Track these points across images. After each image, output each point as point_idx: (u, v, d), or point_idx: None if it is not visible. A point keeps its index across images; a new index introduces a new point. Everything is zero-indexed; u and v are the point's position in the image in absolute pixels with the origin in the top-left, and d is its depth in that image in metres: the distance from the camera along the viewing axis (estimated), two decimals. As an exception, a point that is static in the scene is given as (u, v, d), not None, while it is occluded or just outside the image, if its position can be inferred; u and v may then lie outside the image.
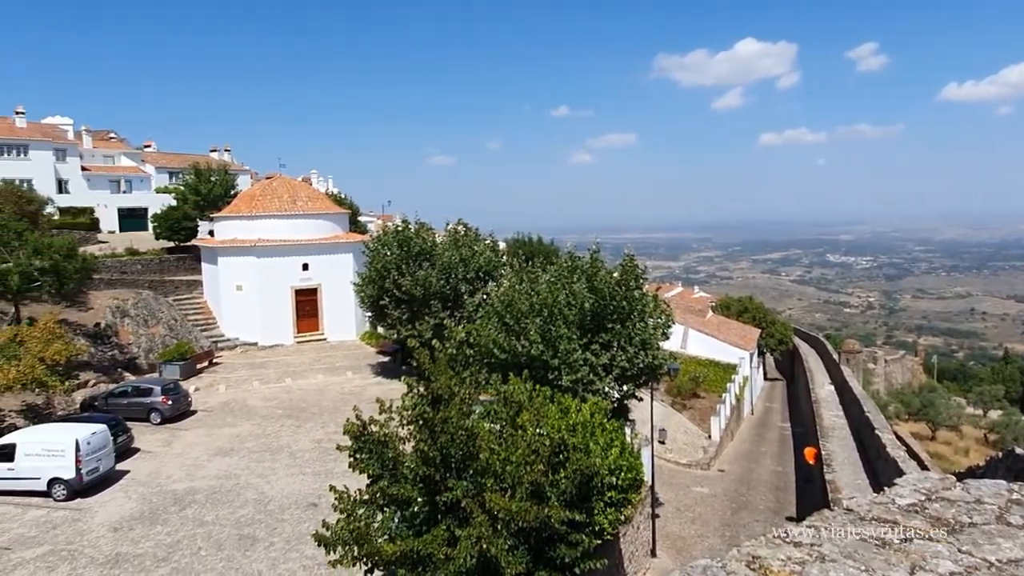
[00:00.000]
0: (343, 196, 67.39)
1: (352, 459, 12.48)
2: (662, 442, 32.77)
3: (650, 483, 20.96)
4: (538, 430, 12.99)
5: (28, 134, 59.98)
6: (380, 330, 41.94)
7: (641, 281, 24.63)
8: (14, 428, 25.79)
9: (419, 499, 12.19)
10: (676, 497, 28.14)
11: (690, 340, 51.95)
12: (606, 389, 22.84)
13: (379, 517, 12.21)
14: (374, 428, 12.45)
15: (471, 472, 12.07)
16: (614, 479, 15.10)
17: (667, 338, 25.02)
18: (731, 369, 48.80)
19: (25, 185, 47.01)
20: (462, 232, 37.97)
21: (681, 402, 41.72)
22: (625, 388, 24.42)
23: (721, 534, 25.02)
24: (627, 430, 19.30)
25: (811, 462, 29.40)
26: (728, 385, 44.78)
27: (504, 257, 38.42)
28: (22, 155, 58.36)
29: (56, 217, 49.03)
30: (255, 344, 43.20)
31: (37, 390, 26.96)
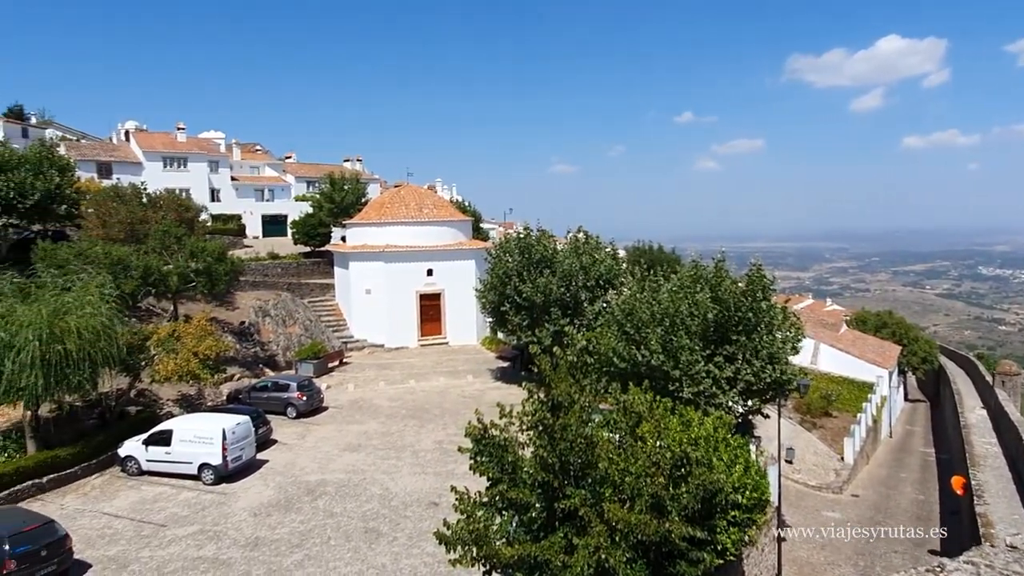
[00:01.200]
0: (466, 204, 69.10)
1: (473, 461, 12.74)
2: (789, 462, 31.20)
3: (776, 504, 20.01)
4: (659, 442, 12.76)
5: (187, 147, 65.79)
6: (500, 335, 42.59)
7: (769, 292, 23.67)
8: (170, 416, 28.30)
9: (537, 505, 12.28)
10: (804, 520, 26.66)
11: (822, 355, 49.18)
12: (730, 403, 22.07)
13: (498, 520, 12.40)
14: (494, 432, 12.66)
15: (589, 481, 12.03)
16: (738, 497, 14.54)
17: (796, 352, 23.87)
18: (867, 388, 45.73)
19: (184, 194, 51.42)
20: (582, 239, 37.94)
21: (811, 420, 39.55)
22: (750, 403, 23.50)
23: (854, 563, 23.47)
24: (752, 447, 18.55)
25: (959, 492, 26.99)
26: (864, 405, 41.99)
27: (624, 265, 38.01)
28: (182, 167, 64.07)
29: (209, 223, 53.33)
30: (382, 346, 45.06)
31: (191, 381, 29.47)
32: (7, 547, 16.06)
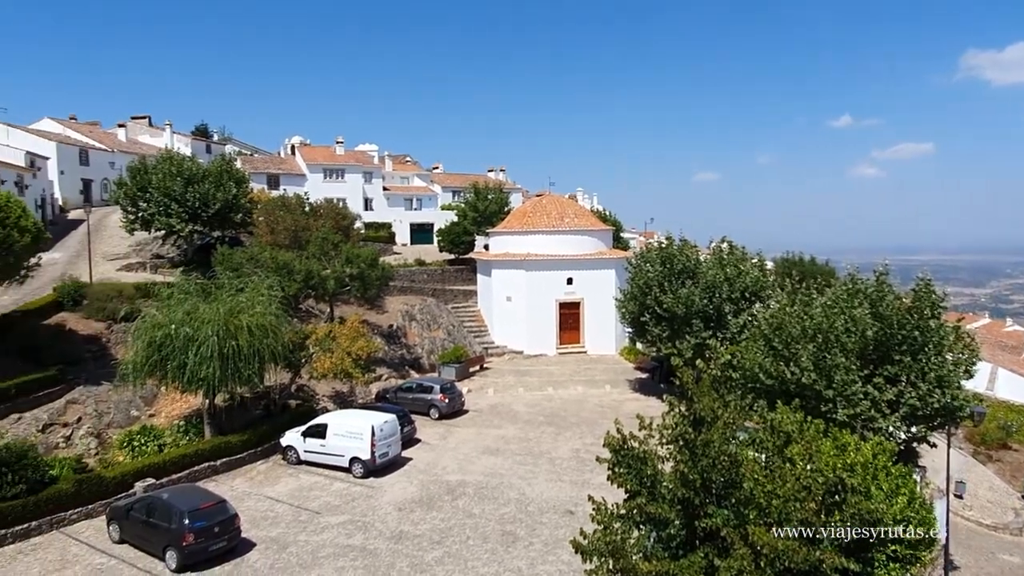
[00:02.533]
0: (607, 213, 68.77)
1: (611, 472, 12.65)
2: (959, 496, 28.36)
3: (944, 542, 18.29)
4: (809, 465, 12.07)
5: (345, 160, 70.36)
6: (639, 346, 41.97)
7: (938, 309, 21.74)
8: (326, 410, 30.29)
9: (676, 521, 11.98)
10: (976, 563, 24.13)
11: (1000, 381, 44.35)
12: (890, 428, 20.45)
13: (635, 533, 12.22)
14: (634, 444, 12.51)
15: (733, 501, 11.59)
16: (899, 530, 13.44)
17: (970, 376, 21.72)
18: (1056, 419, 40.67)
19: (341, 203, 54.97)
20: (727, 250, 36.63)
21: (986, 452, 35.72)
22: (914, 430, 21.65)
23: (1037, 616, 20.93)
24: (916, 478, 17.09)
25: None
26: (1051, 438, 37.37)
27: (772, 278, 36.25)
28: (340, 178, 68.62)
29: (362, 231, 56.62)
30: (521, 352, 45.75)
31: (344, 379, 31.41)
32: (187, 521, 17.88)
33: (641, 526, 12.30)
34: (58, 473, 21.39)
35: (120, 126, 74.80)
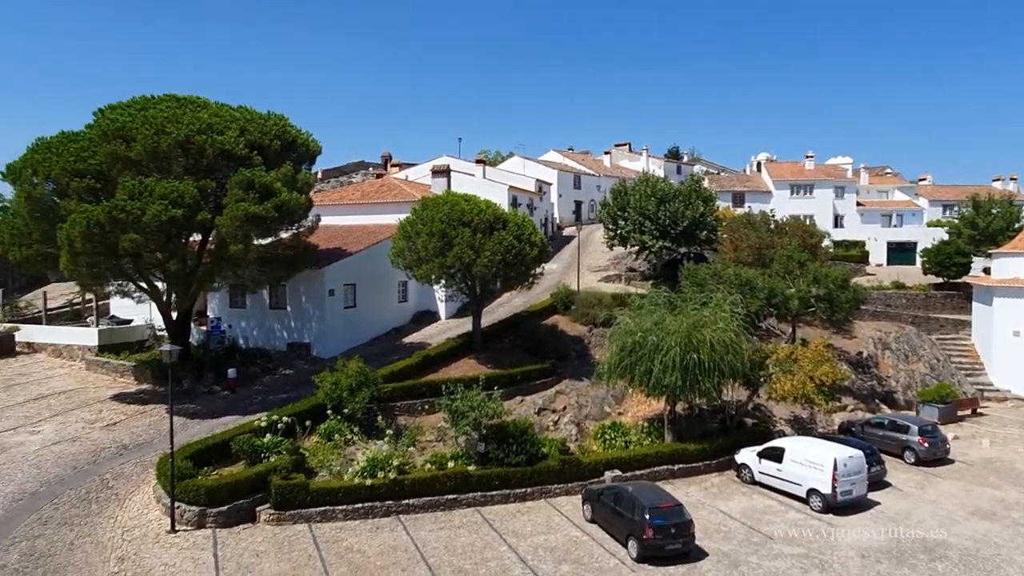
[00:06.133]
0: None
1: None
2: None
3: None
4: None
5: (814, 175, 67.16)
6: None
7: None
8: (782, 434, 29.30)
9: None
10: None
11: None
12: None
13: None
14: None
15: None
16: None
17: None
18: None
19: (808, 220, 52.55)
20: None
21: None
22: None
23: None
24: None
25: None
26: None
27: None
28: (807, 194, 65.77)
29: (831, 249, 53.18)
30: (1031, 401, 37.34)
31: (804, 404, 29.95)
32: (648, 516, 19.24)
33: None
34: (547, 451, 25.16)
35: (606, 153, 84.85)
